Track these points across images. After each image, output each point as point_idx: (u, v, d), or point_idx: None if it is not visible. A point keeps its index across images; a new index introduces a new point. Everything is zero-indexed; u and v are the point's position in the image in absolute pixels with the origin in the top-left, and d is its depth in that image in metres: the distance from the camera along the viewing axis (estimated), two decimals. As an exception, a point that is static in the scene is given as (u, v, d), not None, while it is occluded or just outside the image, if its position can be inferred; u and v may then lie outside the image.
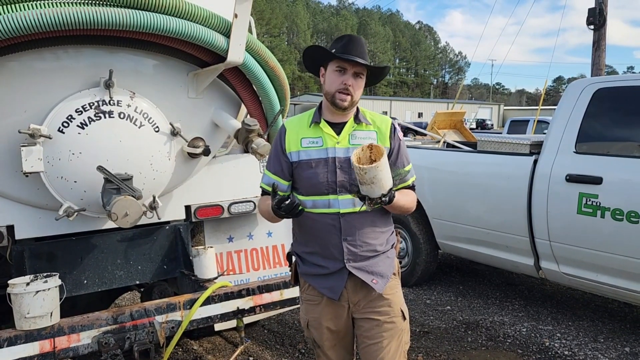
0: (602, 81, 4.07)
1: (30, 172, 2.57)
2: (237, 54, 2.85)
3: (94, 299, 3.39)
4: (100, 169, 2.60)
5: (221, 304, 2.90)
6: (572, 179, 3.89)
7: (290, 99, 3.44)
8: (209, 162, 3.41)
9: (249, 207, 3.50)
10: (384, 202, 1.94)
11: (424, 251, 5.21)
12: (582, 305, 4.90)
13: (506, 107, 71.97)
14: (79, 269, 3.04)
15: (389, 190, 1.94)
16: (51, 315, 2.54)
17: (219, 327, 3.52)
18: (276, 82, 3.21)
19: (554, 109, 4.63)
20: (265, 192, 2.25)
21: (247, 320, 3.30)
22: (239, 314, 2.96)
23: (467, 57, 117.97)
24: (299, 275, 2.30)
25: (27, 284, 2.51)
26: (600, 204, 3.71)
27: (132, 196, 2.61)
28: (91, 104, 2.68)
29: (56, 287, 2.60)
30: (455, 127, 7.58)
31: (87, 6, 2.44)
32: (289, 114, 3.55)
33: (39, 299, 2.49)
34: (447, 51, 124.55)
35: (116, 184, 2.62)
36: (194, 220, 3.39)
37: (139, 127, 2.79)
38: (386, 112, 51.66)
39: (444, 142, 6.64)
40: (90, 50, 2.76)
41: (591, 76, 10.79)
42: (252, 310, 2.98)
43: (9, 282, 2.55)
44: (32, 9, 2.34)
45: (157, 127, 2.87)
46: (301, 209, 2.02)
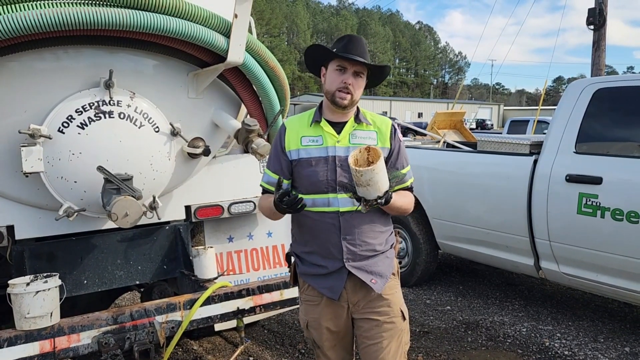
0: (602, 81, 4.07)
1: (30, 173, 2.57)
2: (237, 54, 2.85)
3: (94, 299, 3.39)
4: (100, 169, 2.60)
5: (221, 304, 2.90)
6: (572, 179, 3.89)
7: (290, 99, 3.44)
8: (209, 162, 3.41)
9: (249, 207, 3.50)
10: (379, 203, 1.95)
11: (424, 251, 5.21)
12: (582, 305, 4.90)
13: (506, 107, 71.95)
14: (79, 269, 3.04)
15: (385, 192, 1.94)
16: (51, 315, 2.54)
17: (219, 327, 3.52)
18: (276, 82, 3.21)
19: (554, 109, 4.63)
20: (265, 190, 2.26)
21: (247, 320, 3.30)
22: (239, 314, 2.96)
23: (467, 57, 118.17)
24: (298, 275, 2.30)
25: (27, 284, 2.52)
26: (600, 204, 3.71)
27: (132, 196, 2.61)
28: (91, 104, 2.68)
29: (56, 287, 2.60)
30: (455, 127, 7.58)
31: (87, 6, 2.44)
32: (288, 114, 3.54)
33: (39, 299, 2.49)
34: (447, 51, 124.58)
35: (116, 184, 2.62)
36: (194, 220, 3.39)
37: (139, 127, 2.79)
38: (386, 112, 51.64)
39: (444, 142, 6.64)
40: (90, 50, 2.76)
41: (591, 76, 10.79)
42: (252, 310, 2.99)
43: (9, 282, 2.55)
44: (32, 9, 2.34)
45: (157, 127, 2.87)
46: (303, 204, 2.00)
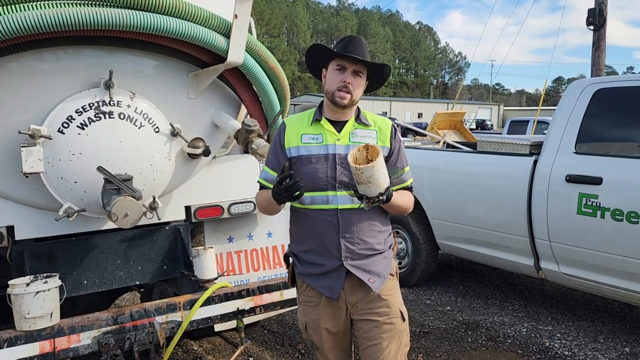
0: (602, 81, 4.07)
1: (30, 173, 2.58)
2: (237, 55, 2.85)
3: (94, 299, 3.40)
4: (100, 169, 2.60)
5: (221, 305, 2.90)
6: (572, 179, 3.89)
7: (290, 99, 3.44)
8: (209, 162, 3.41)
9: (249, 207, 3.50)
10: (381, 200, 1.96)
11: (423, 251, 5.21)
12: (582, 305, 4.90)
13: (506, 108, 71.92)
14: (79, 269, 3.04)
15: (386, 189, 1.95)
16: (51, 315, 2.54)
17: (219, 327, 3.52)
18: (276, 82, 3.21)
19: (554, 110, 4.63)
20: (263, 187, 2.27)
21: (247, 320, 3.30)
22: (239, 314, 2.96)
23: (467, 58, 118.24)
24: (296, 276, 2.30)
25: (27, 285, 2.52)
26: (600, 204, 3.71)
27: (132, 197, 2.61)
28: (91, 105, 2.68)
29: (56, 287, 2.60)
30: (455, 128, 7.58)
31: (87, 7, 2.44)
32: (288, 114, 3.54)
33: (39, 299, 2.49)
34: (447, 51, 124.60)
35: (116, 185, 2.62)
36: (194, 220, 3.39)
37: (139, 128, 2.79)
38: (386, 113, 51.63)
39: (444, 143, 6.64)
40: (90, 50, 2.76)
41: (591, 76, 10.79)
42: (252, 310, 2.99)
43: (9, 282, 2.55)
44: (32, 9, 2.34)
45: (157, 127, 2.87)
46: (301, 190, 1.99)
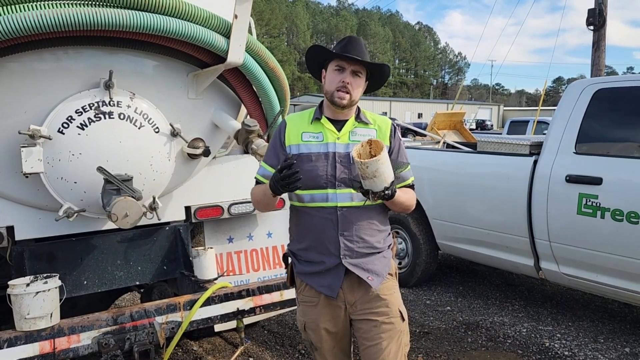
0: (602, 82, 4.07)
1: (30, 173, 2.57)
2: (237, 55, 2.85)
3: (94, 299, 3.39)
4: (100, 169, 2.60)
5: (221, 305, 2.90)
6: (572, 179, 3.89)
7: (290, 99, 3.45)
8: (208, 162, 3.41)
9: (249, 207, 3.50)
10: (387, 195, 1.95)
11: (423, 252, 5.21)
12: (582, 305, 4.90)
13: (506, 108, 71.93)
14: (79, 269, 3.04)
15: (392, 183, 1.95)
16: (51, 316, 2.54)
17: (219, 327, 3.52)
18: (276, 82, 3.21)
19: (554, 110, 4.63)
20: (259, 183, 2.28)
21: (247, 321, 3.30)
22: (239, 314, 2.96)
23: (467, 58, 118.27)
24: (295, 276, 2.30)
25: (27, 285, 2.52)
26: (600, 204, 3.71)
27: (132, 197, 2.61)
28: (91, 105, 2.68)
29: (56, 288, 2.60)
30: (455, 128, 7.59)
31: (86, 7, 2.44)
32: (288, 114, 3.54)
33: (39, 299, 2.49)
34: (446, 52, 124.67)
35: (116, 185, 2.62)
36: (194, 221, 3.39)
37: (139, 128, 2.79)
38: (386, 113, 51.64)
39: (444, 143, 6.65)
40: (90, 51, 2.76)
41: (591, 77, 10.79)
42: (252, 311, 2.99)
43: (9, 283, 2.55)
44: (32, 9, 2.34)
45: (157, 127, 2.87)
46: (298, 183, 1.97)
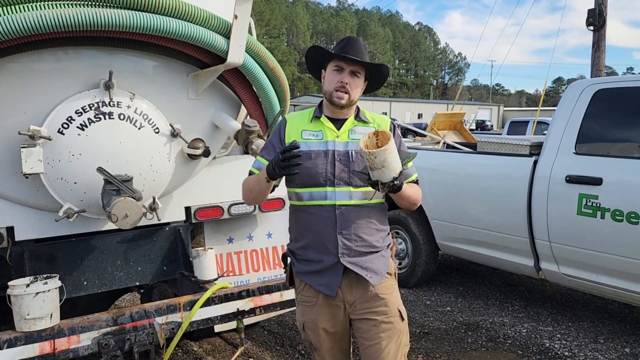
0: (602, 82, 4.07)
1: (30, 174, 2.57)
2: (237, 55, 2.85)
3: (94, 300, 3.39)
4: (100, 170, 2.60)
5: (221, 305, 2.90)
6: (572, 179, 3.89)
7: (290, 100, 3.44)
8: (209, 163, 3.41)
9: (249, 208, 3.50)
10: (396, 185, 1.95)
11: (423, 252, 5.20)
12: (582, 306, 4.90)
13: (506, 108, 71.94)
14: (78, 270, 3.04)
15: (400, 173, 1.95)
16: (51, 316, 2.54)
17: (219, 328, 3.52)
18: (276, 83, 3.21)
19: (554, 110, 4.63)
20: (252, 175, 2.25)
21: (247, 321, 3.30)
22: (239, 315, 2.96)
23: (467, 58, 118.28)
24: (294, 276, 2.30)
25: (27, 286, 2.52)
26: (600, 204, 3.71)
27: (132, 197, 2.61)
28: (91, 106, 2.68)
29: (56, 288, 2.60)
30: (455, 128, 7.60)
31: (86, 7, 2.44)
32: (288, 114, 3.55)
33: (38, 300, 2.49)
34: (446, 52, 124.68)
35: (116, 185, 2.62)
36: (194, 221, 3.39)
37: (139, 129, 2.79)
38: (386, 113, 51.63)
39: (444, 143, 6.65)
40: (90, 51, 2.76)
41: (591, 77, 10.79)
42: (252, 311, 2.99)
43: (9, 283, 2.55)
44: (32, 10, 2.34)
45: (157, 128, 2.87)
46: (298, 167, 1.96)
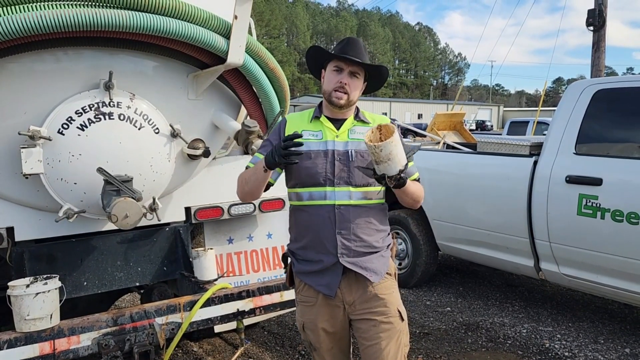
0: (602, 82, 4.07)
1: (30, 174, 2.57)
2: (237, 56, 2.85)
3: (94, 300, 3.39)
4: (100, 170, 2.60)
5: (221, 306, 2.90)
6: (572, 180, 3.89)
7: (290, 100, 3.45)
8: (209, 163, 3.41)
9: (249, 208, 3.50)
10: (402, 178, 1.96)
11: (423, 252, 5.20)
12: (582, 306, 4.90)
13: (506, 109, 71.90)
14: (78, 270, 3.03)
15: (405, 165, 1.95)
16: (51, 317, 2.54)
17: (219, 328, 3.52)
18: (276, 83, 3.21)
19: (554, 110, 4.63)
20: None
21: (247, 321, 3.30)
22: (239, 315, 2.96)
23: (467, 58, 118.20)
24: (294, 276, 2.31)
25: (27, 286, 2.52)
26: (600, 205, 3.71)
27: (132, 198, 2.61)
28: (91, 106, 2.68)
29: (56, 289, 2.60)
30: (455, 129, 7.60)
31: (86, 8, 2.45)
32: (288, 114, 3.55)
33: (38, 301, 2.49)
34: (446, 52, 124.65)
35: (116, 186, 2.62)
36: (193, 221, 3.39)
37: (139, 129, 2.79)
38: (386, 113, 51.65)
39: (444, 144, 6.65)
40: (90, 52, 2.76)
41: (591, 77, 10.79)
42: (252, 312, 2.99)
43: (9, 284, 2.55)
44: (32, 10, 2.34)
45: (157, 128, 2.87)
46: (298, 155, 1.96)
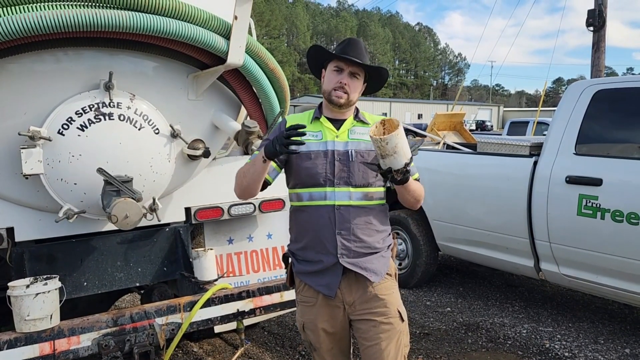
0: (602, 82, 4.07)
1: (30, 174, 2.58)
2: (237, 56, 2.85)
3: (94, 301, 3.39)
4: (100, 171, 2.60)
5: (221, 306, 2.90)
6: (572, 180, 3.89)
7: (290, 100, 3.45)
8: (209, 164, 3.41)
9: (249, 209, 3.50)
10: (408, 172, 1.97)
11: (424, 253, 5.20)
12: (582, 306, 4.90)
13: (506, 109, 71.87)
14: (79, 271, 3.03)
15: (410, 158, 1.96)
16: (51, 317, 2.54)
17: (219, 329, 3.52)
18: (276, 83, 3.22)
19: (554, 111, 4.63)
20: None
21: (247, 322, 3.30)
22: (239, 316, 2.96)
23: (467, 59, 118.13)
24: (294, 276, 2.31)
25: (27, 287, 2.52)
26: (600, 205, 3.71)
27: (132, 198, 2.61)
28: (91, 106, 2.68)
29: (56, 289, 2.60)
30: (455, 129, 7.61)
31: (86, 8, 2.45)
32: (288, 115, 3.55)
33: (38, 301, 2.49)
34: (446, 53, 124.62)
35: (116, 186, 2.62)
36: (194, 222, 3.39)
37: (139, 129, 2.79)
38: (386, 114, 51.53)
39: (444, 144, 6.65)
40: (90, 52, 2.76)
41: (591, 77, 10.80)
42: (252, 312, 2.99)
43: (9, 284, 2.55)
44: (32, 11, 2.34)
45: (157, 129, 2.87)
46: (300, 143, 1.95)
